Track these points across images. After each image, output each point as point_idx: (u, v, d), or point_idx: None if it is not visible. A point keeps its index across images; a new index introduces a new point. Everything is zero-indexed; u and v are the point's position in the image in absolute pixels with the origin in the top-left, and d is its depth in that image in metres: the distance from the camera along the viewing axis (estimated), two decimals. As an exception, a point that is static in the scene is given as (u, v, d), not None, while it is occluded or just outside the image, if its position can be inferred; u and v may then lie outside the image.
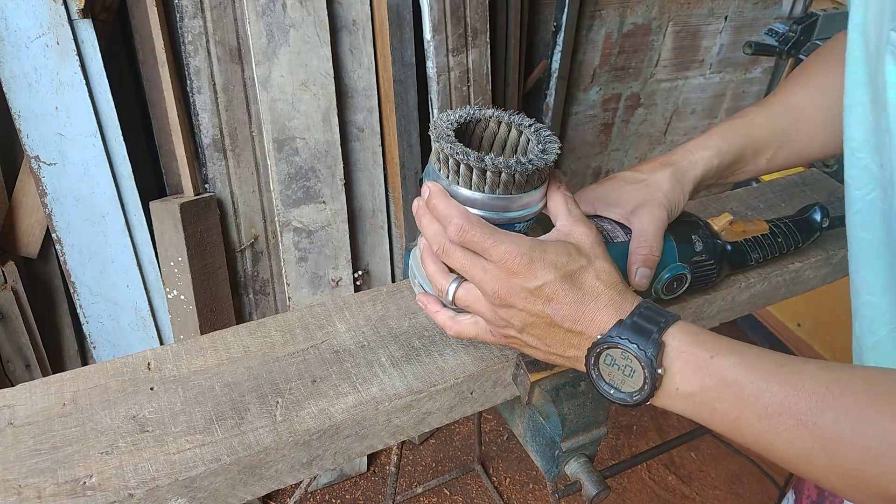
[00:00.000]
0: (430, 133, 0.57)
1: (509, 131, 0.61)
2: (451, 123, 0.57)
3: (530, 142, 0.58)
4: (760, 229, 0.80)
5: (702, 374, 0.50)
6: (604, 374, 0.55)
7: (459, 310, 0.61)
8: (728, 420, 0.49)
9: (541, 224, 0.62)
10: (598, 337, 0.53)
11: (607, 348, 0.53)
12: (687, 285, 0.72)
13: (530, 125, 0.58)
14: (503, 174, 0.54)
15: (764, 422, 0.47)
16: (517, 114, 0.59)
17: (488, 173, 0.54)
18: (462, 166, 0.54)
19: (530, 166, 0.54)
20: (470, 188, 0.55)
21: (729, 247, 0.77)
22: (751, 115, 0.75)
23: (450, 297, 0.59)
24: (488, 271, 0.54)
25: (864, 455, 0.43)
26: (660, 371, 0.51)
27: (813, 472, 0.47)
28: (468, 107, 0.59)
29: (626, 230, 0.68)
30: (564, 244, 0.55)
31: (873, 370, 0.46)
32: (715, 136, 0.73)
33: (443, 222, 0.55)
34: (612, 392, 0.55)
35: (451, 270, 0.59)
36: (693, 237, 0.72)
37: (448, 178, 0.56)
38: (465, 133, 0.60)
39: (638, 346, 0.51)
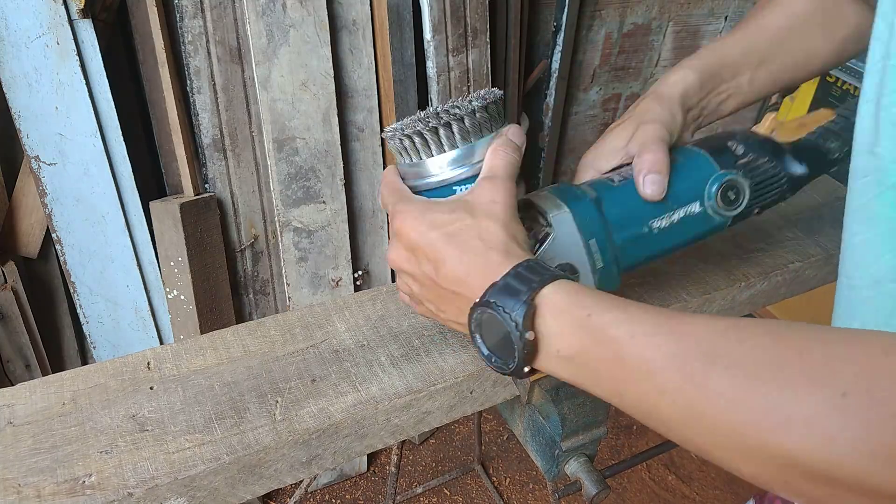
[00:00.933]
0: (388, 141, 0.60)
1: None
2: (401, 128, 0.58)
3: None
4: (824, 117, 0.70)
5: (581, 334, 0.45)
6: (485, 332, 0.51)
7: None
8: (611, 383, 0.44)
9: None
10: (476, 300, 0.50)
11: (482, 313, 0.50)
12: (748, 194, 0.64)
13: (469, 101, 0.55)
14: (422, 128, 0.54)
15: (647, 381, 0.41)
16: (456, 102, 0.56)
17: (406, 140, 0.56)
18: (398, 141, 0.57)
19: (442, 112, 0.53)
20: (400, 164, 0.58)
21: (788, 145, 0.68)
22: (721, 39, 0.72)
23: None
24: (393, 235, 0.55)
25: (762, 418, 0.36)
26: (528, 335, 0.47)
27: (696, 437, 0.40)
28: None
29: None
30: (455, 202, 0.54)
31: (778, 322, 0.40)
32: (687, 60, 0.70)
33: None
34: (491, 359, 0.51)
35: None
36: (729, 143, 0.66)
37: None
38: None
39: (504, 309, 0.47)
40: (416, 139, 0.55)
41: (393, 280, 1.89)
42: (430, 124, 0.54)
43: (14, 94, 1.41)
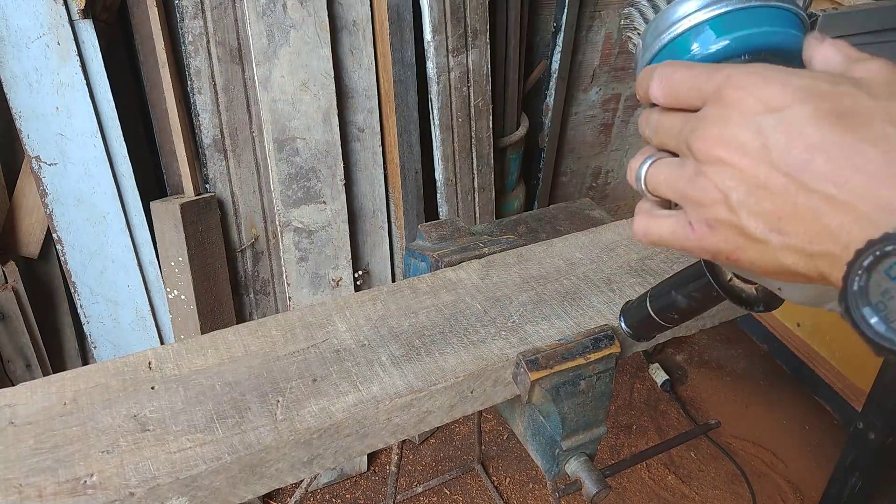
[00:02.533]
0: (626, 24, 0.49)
1: None
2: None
3: None
4: None
5: None
6: (873, 293, 0.31)
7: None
8: None
9: None
10: (892, 227, 0.30)
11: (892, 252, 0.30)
12: None
13: None
14: None
15: None
16: None
17: None
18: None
19: None
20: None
21: None
22: None
23: (642, 176, 0.42)
24: (694, 117, 0.38)
25: None
26: None
27: None
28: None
29: None
30: (830, 74, 0.36)
31: None
32: None
33: (644, 84, 0.41)
34: (881, 329, 0.31)
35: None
36: None
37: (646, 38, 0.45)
38: None
39: None
40: None
41: (393, 280, 1.89)
42: None
43: (15, 94, 1.41)
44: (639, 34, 0.46)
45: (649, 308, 0.56)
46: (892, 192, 0.31)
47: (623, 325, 0.61)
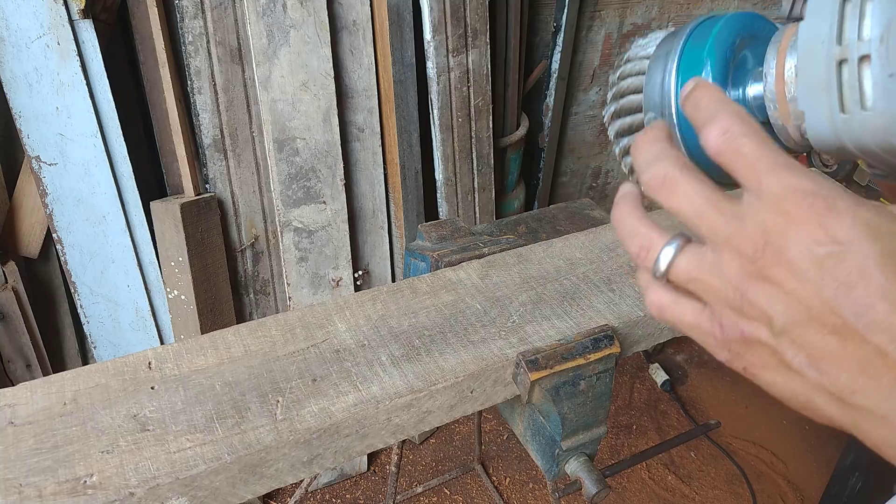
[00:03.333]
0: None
1: None
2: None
3: None
4: None
5: None
6: None
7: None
8: None
9: None
10: None
11: None
12: None
13: None
14: None
15: None
16: None
17: None
18: None
19: None
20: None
21: None
22: None
23: (662, 267, 0.38)
24: (746, 217, 0.33)
25: None
26: None
27: None
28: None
29: None
30: (881, 206, 0.33)
31: None
32: None
33: (703, 118, 0.36)
34: None
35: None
36: None
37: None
38: None
39: None
40: None
41: (393, 280, 1.89)
42: None
43: (15, 94, 1.41)
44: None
45: None
46: None
47: None
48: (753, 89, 0.45)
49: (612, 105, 0.52)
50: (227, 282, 1.71)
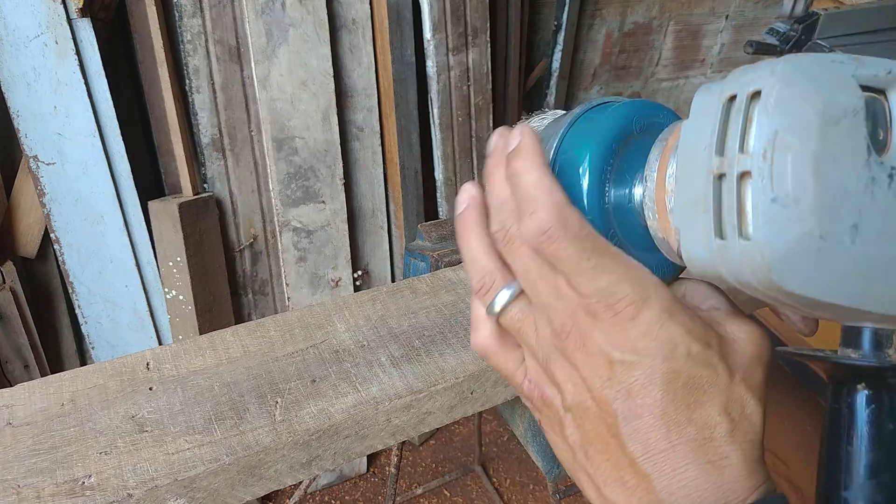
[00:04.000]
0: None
1: None
2: None
3: None
4: None
5: None
6: None
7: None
8: None
9: None
10: None
11: None
12: None
13: None
14: None
15: None
16: None
17: None
18: None
19: None
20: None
21: None
22: None
23: (496, 309, 0.39)
24: (564, 299, 0.35)
25: None
26: None
27: None
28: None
29: None
30: (707, 327, 0.35)
31: None
32: None
33: (521, 203, 0.35)
34: None
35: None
36: None
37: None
38: None
39: None
40: None
41: (393, 280, 1.89)
42: None
43: (12, 93, 1.40)
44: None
45: None
46: (687, 478, 0.31)
47: None
48: (638, 191, 0.39)
49: None
50: (225, 282, 1.70)
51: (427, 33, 1.68)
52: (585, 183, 0.39)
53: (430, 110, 1.77)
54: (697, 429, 0.32)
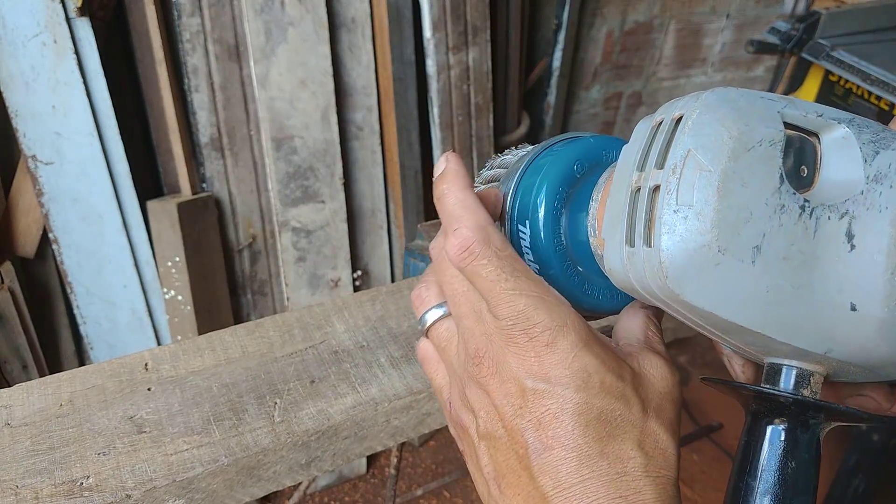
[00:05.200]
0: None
1: None
2: None
3: None
4: None
5: None
6: None
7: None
8: None
9: None
10: None
11: None
12: None
13: None
14: None
15: None
16: None
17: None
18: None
19: None
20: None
21: None
22: None
23: (424, 325, 0.41)
24: (482, 322, 0.35)
25: None
26: None
27: None
28: None
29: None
30: (621, 360, 0.35)
31: None
32: None
33: (447, 222, 0.37)
34: None
35: None
36: None
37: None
38: None
39: None
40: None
41: (393, 280, 1.89)
42: None
43: (11, 92, 1.40)
44: None
45: None
46: None
47: None
48: (586, 215, 0.42)
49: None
50: (224, 282, 1.70)
51: (427, 32, 1.67)
52: (541, 215, 0.40)
53: (430, 109, 1.77)
54: (610, 462, 0.31)
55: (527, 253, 0.41)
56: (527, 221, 0.41)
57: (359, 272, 1.82)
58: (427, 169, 1.85)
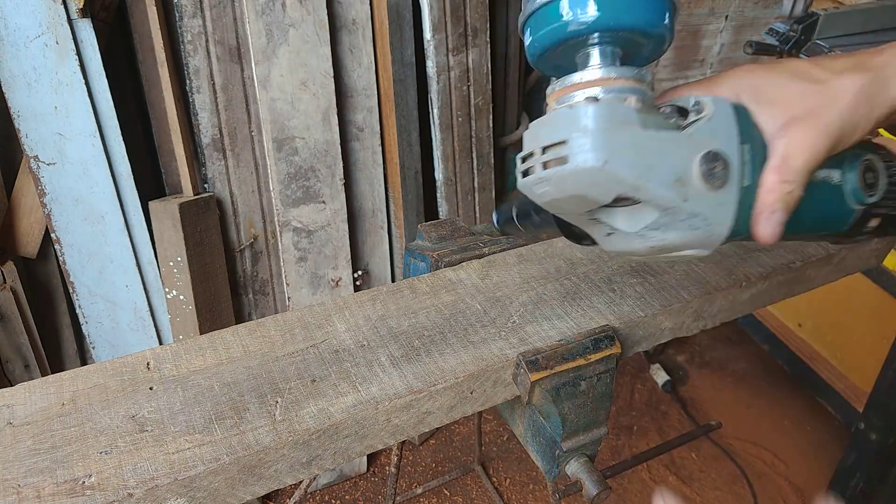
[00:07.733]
0: None
1: None
2: None
3: None
4: None
5: None
6: None
7: None
8: None
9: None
10: None
11: None
12: (883, 187, 0.57)
13: None
14: None
15: None
16: None
17: None
18: None
19: None
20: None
21: None
22: None
23: None
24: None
25: None
26: None
27: None
28: None
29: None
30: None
31: None
32: None
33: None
34: None
35: None
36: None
37: None
38: None
39: None
40: None
41: (393, 280, 1.89)
42: None
43: (13, 93, 1.40)
44: None
45: (514, 212, 0.66)
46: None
47: (495, 220, 0.69)
48: None
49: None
50: (225, 282, 1.70)
51: (427, 34, 1.68)
52: None
53: (430, 110, 1.77)
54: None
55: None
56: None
57: (359, 272, 1.83)
58: (427, 169, 1.85)
